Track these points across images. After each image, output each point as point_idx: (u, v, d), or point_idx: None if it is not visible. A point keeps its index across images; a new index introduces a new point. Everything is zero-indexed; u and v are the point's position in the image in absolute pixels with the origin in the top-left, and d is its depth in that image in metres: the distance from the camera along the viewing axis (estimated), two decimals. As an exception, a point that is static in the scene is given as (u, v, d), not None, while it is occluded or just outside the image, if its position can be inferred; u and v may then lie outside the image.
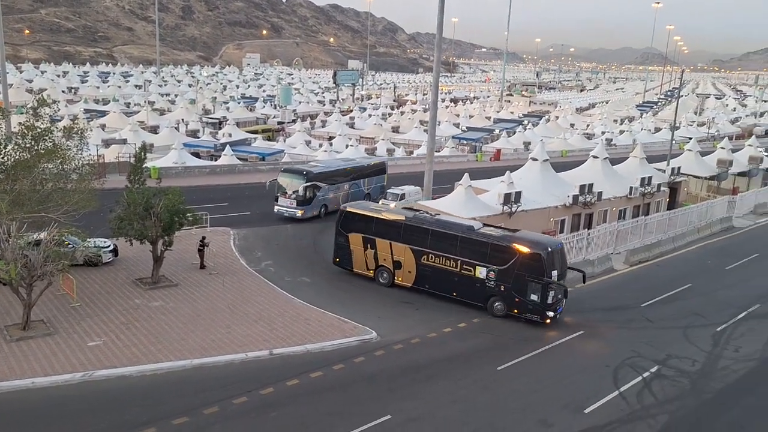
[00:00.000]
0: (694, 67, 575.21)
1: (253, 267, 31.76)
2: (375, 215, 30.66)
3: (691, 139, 68.07)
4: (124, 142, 60.76)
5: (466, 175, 37.35)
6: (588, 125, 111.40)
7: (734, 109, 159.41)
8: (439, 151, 69.95)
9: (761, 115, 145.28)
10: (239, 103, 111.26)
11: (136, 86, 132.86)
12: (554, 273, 26.83)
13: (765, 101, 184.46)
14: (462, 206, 35.55)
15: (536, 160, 43.10)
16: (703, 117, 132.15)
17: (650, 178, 45.31)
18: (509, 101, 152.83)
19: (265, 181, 41.94)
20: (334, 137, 77.21)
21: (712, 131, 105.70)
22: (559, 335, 25.97)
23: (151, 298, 26.80)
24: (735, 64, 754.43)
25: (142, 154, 30.31)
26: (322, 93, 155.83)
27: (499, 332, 26.26)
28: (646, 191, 44.59)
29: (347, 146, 68.67)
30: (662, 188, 46.84)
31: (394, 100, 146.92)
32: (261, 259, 33.08)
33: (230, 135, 71.38)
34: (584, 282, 29.69)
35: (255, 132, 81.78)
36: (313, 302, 27.47)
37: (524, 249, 27.13)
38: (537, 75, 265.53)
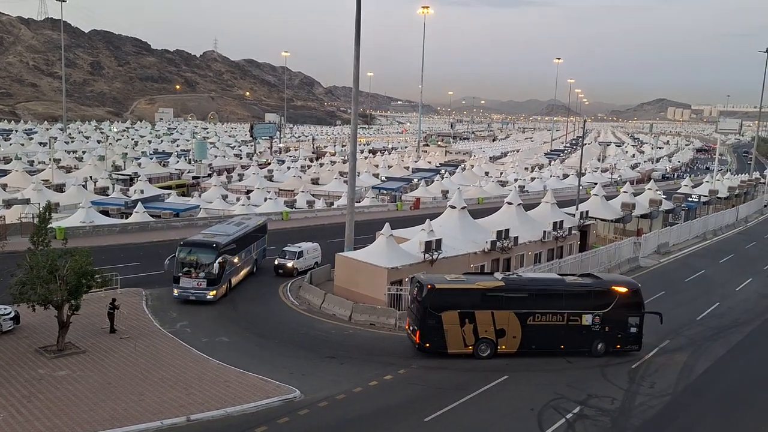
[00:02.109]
0: (594, 117, 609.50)
1: (168, 328, 30.44)
2: (473, 287, 28.99)
3: (596, 184, 71.45)
4: (27, 201, 57.81)
5: (387, 224, 37.54)
6: (501, 173, 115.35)
7: (633, 156, 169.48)
8: (359, 202, 70.33)
9: (657, 160, 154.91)
10: (152, 158, 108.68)
11: (40, 143, 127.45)
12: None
13: (660, 148, 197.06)
14: (384, 255, 35.61)
15: (454, 207, 43.90)
16: (605, 163, 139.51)
17: (562, 222, 46.99)
18: (426, 151, 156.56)
19: (179, 238, 39.91)
20: (252, 191, 76.42)
21: (614, 177, 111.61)
22: (484, 381, 25.99)
23: (56, 367, 25.07)
24: (631, 114, 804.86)
25: (47, 213, 28.73)
26: (239, 146, 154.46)
27: (426, 383, 26.05)
28: (558, 235, 46.13)
29: (266, 199, 68.12)
30: (573, 231, 48.59)
31: (312, 152, 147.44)
32: (176, 320, 31.78)
33: (142, 191, 69.28)
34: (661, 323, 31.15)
35: (168, 187, 79.83)
36: (232, 362, 26.46)
37: (622, 289, 30.02)
38: (451, 126, 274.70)
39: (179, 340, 28.94)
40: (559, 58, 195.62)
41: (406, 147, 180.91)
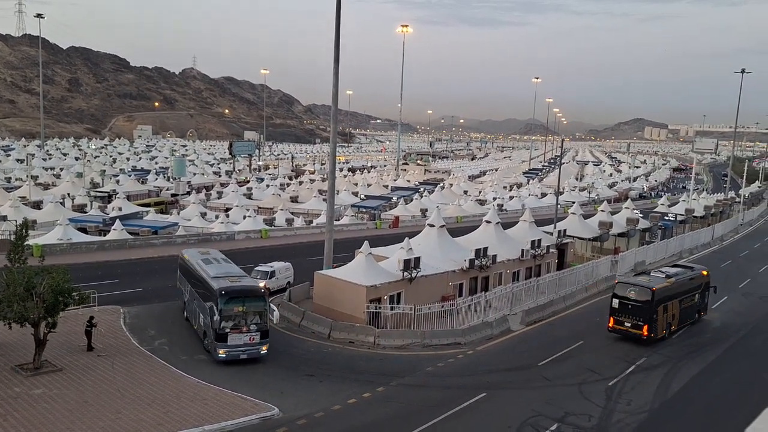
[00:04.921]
0: (572, 137, 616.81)
1: (146, 346, 30.21)
2: (667, 284, 36.28)
3: (574, 203, 72.27)
4: (3, 219, 57.25)
5: (366, 242, 37.68)
6: (480, 192, 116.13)
7: (611, 175, 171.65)
8: (338, 220, 70.44)
9: (634, 179, 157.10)
10: (130, 175, 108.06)
11: (17, 160, 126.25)
12: None
13: (637, 167, 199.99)
14: (363, 273, 35.72)
15: (433, 226, 44.21)
16: (583, 182, 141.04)
17: (540, 240, 47.48)
18: (405, 170, 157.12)
19: (158, 256, 39.32)
20: (231, 208, 76.26)
21: (592, 195, 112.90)
22: (462, 399, 26.13)
23: (32, 385, 24.78)
24: (608, 133, 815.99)
25: (23, 231, 28.49)
26: (218, 164, 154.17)
27: (405, 401, 26.10)
28: (536, 253, 46.59)
29: (245, 217, 67.97)
30: (551, 250, 49.09)
31: (292, 170, 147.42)
32: (154, 338, 31.55)
33: (120, 209, 68.86)
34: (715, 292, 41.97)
35: (147, 205, 79.44)
36: (211, 381, 26.35)
37: (705, 272, 41.04)
38: (430, 145, 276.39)
39: (157, 358, 28.73)
40: (537, 78, 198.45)
41: (385, 165, 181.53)
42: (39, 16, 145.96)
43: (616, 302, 35.69)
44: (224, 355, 28.51)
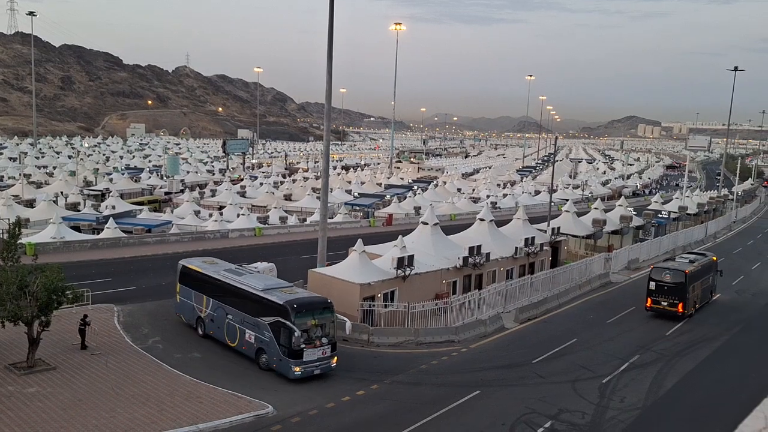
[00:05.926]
0: (566, 134, 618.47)
1: (140, 345, 30.17)
2: (694, 267, 41.01)
3: (567, 200, 72.41)
4: (-5, 217, 56.89)
5: (360, 240, 37.66)
6: (474, 189, 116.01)
7: (604, 173, 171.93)
8: (332, 218, 70.40)
9: (628, 177, 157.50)
10: (123, 174, 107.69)
11: (10, 159, 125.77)
12: None
13: (630, 165, 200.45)
14: (357, 271, 35.74)
15: (427, 224, 44.22)
16: (577, 180, 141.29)
17: (533, 238, 47.57)
18: (399, 168, 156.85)
19: (151, 254, 39.02)
20: (225, 206, 76.13)
21: (586, 193, 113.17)
22: (456, 396, 26.22)
23: (26, 384, 24.72)
24: (602, 131, 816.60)
25: (16, 229, 28.43)
26: (212, 162, 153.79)
27: (399, 398, 26.15)
28: (530, 251, 46.70)
29: (238, 215, 67.88)
30: (545, 247, 49.21)
31: (285, 168, 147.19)
32: (148, 336, 31.51)
33: (114, 207, 68.66)
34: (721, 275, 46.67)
35: (141, 203, 79.19)
36: (205, 379, 26.33)
37: (714, 258, 45.68)
38: (424, 142, 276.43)
39: (151, 357, 28.70)
40: (530, 75, 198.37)
41: (378, 163, 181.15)
42: (31, 13, 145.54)
43: (653, 285, 40.04)
44: (300, 372, 26.94)
